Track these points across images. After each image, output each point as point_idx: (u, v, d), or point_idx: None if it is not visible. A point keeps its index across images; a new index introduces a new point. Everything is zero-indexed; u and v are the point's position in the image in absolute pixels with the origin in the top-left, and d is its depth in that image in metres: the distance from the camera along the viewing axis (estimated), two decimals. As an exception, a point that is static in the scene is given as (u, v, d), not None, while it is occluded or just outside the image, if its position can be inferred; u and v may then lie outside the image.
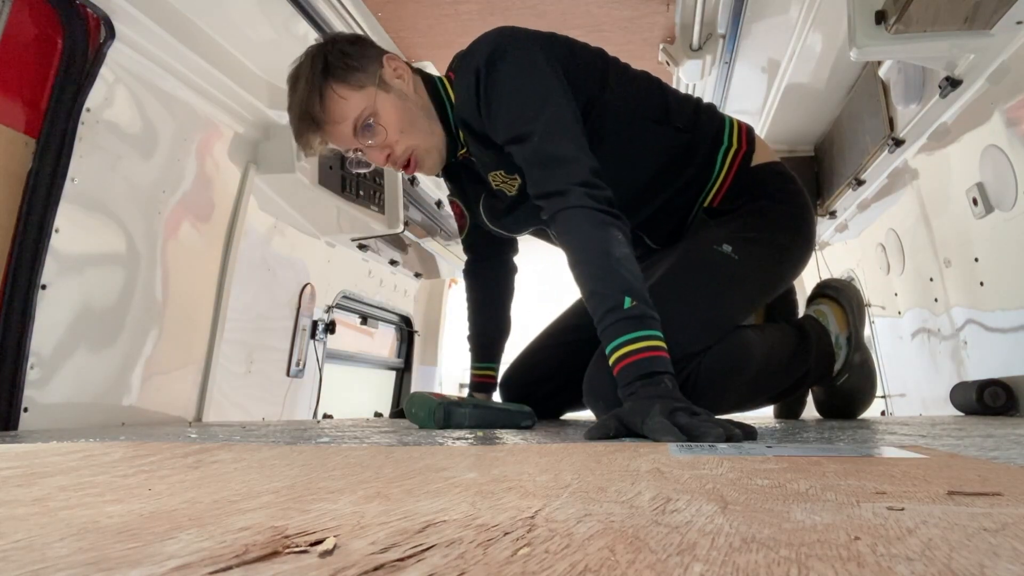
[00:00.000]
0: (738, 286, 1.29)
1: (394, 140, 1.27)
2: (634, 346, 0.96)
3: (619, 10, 2.08)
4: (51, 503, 0.42)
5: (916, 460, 0.60)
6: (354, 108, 1.23)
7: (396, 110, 1.25)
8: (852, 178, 2.30)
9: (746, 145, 1.39)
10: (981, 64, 1.51)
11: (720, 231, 1.31)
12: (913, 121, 1.84)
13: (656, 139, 1.33)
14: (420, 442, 0.91)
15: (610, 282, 1.01)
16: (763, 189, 1.37)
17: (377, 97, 1.24)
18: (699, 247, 1.30)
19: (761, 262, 1.31)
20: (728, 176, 1.36)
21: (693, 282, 1.25)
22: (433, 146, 1.31)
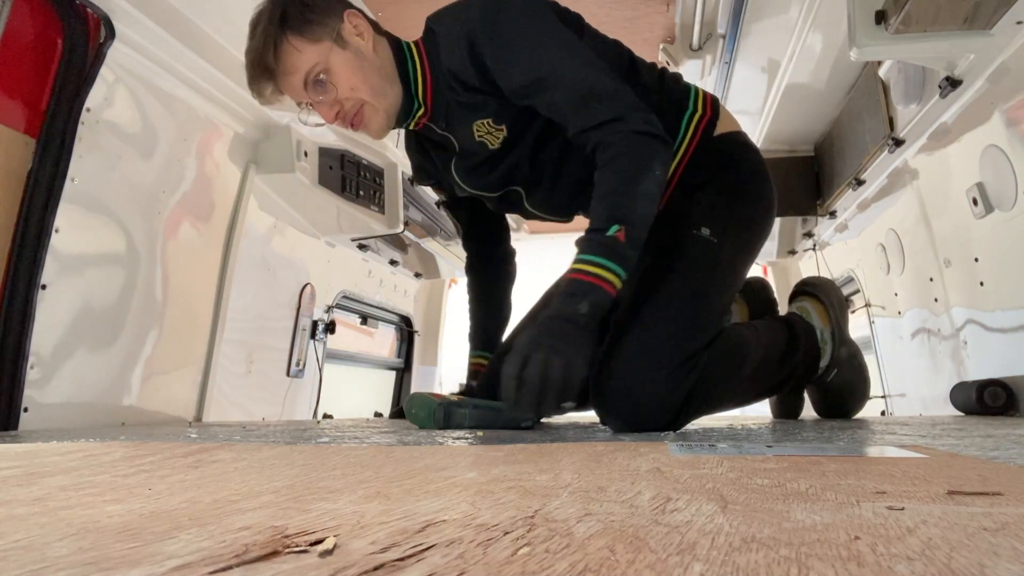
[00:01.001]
0: (722, 271, 1.30)
1: (344, 97, 1.25)
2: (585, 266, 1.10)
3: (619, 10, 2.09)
4: (51, 503, 0.42)
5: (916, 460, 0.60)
6: (307, 61, 1.22)
7: (349, 67, 1.23)
8: (852, 178, 2.30)
9: (710, 112, 1.38)
10: (981, 64, 1.51)
11: (696, 210, 1.31)
12: (913, 121, 1.84)
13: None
14: (420, 442, 0.91)
15: (613, 205, 1.12)
16: (728, 159, 1.36)
17: (332, 52, 1.22)
18: (679, 233, 1.29)
19: (737, 240, 1.33)
20: (692, 142, 1.35)
21: (681, 278, 1.25)
22: (382, 107, 1.28)
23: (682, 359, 1.17)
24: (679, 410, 1.17)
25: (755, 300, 1.66)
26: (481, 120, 1.31)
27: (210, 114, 1.83)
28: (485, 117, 1.30)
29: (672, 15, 2.11)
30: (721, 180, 1.34)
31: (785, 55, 2.11)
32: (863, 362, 1.59)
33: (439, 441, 0.93)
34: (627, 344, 1.19)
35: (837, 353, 1.50)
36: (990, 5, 1.34)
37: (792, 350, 1.42)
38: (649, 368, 1.16)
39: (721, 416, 1.43)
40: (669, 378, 1.16)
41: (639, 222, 1.11)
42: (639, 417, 1.15)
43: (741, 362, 1.30)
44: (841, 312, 1.54)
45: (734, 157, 1.38)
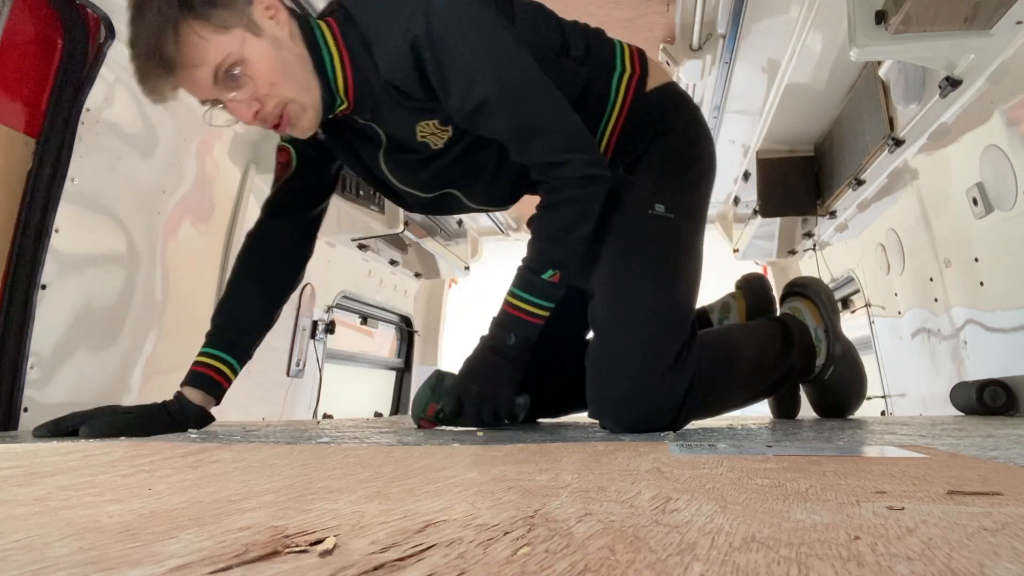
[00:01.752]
0: (685, 245, 1.29)
1: (264, 93, 1.08)
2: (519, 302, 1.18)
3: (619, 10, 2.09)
4: (51, 503, 0.42)
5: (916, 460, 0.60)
6: (216, 52, 1.03)
7: (267, 58, 1.06)
8: (852, 178, 2.30)
9: (639, 69, 1.31)
10: (981, 64, 1.51)
11: (644, 187, 1.27)
12: (913, 121, 1.84)
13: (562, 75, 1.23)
14: (420, 442, 0.91)
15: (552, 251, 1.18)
16: (664, 120, 1.31)
17: (245, 41, 1.05)
18: (635, 217, 1.26)
19: (689, 206, 1.31)
20: (624, 104, 1.29)
21: (651, 265, 1.23)
22: (310, 103, 1.13)
23: (672, 357, 1.17)
24: (678, 410, 1.17)
25: (754, 298, 1.65)
26: (426, 121, 1.21)
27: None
28: (431, 119, 1.21)
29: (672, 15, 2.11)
30: (660, 146, 1.31)
31: (785, 55, 2.11)
32: (858, 358, 1.59)
33: (439, 441, 0.93)
34: (616, 353, 1.19)
35: (832, 350, 1.51)
36: (990, 5, 1.34)
37: (787, 349, 1.43)
38: (644, 374, 1.15)
39: (721, 416, 1.43)
40: (664, 380, 1.15)
41: (573, 263, 1.19)
42: (641, 422, 1.15)
43: (735, 361, 1.30)
44: (832, 309, 1.54)
45: (668, 114, 1.32)
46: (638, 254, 1.24)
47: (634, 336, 1.18)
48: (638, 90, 1.31)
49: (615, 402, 1.17)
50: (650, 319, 1.19)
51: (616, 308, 1.22)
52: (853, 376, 1.57)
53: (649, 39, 2.23)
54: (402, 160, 1.28)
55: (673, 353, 1.18)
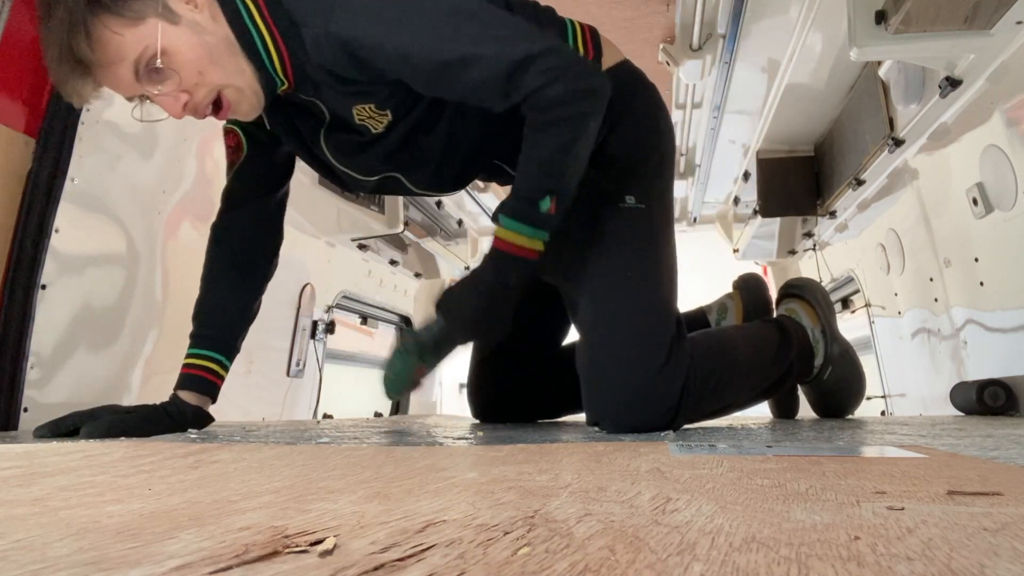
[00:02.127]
0: (659, 236, 1.26)
1: (192, 83, 1.03)
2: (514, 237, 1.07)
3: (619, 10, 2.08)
4: (51, 503, 0.42)
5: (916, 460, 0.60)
6: (133, 46, 0.98)
7: (188, 46, 1.00)
8: (852, 178, 2.30)
9: (592, 49, 1.28)
10: (981, 64, 1.51)
11: (611, 180, 1.24)
12: (913, 121, 1.84)
13: None
14: (420, 442, 0.91)
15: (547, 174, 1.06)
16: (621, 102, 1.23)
17: (162, 31, 0.98)
18: (606, 211, 1.23)
19: (658, 193, 1.28)
20: None
21: (629, 261, 1.21)
22: (246, 85, 1.07)
23: (664, 355, 1.17)
24: (675, 409, 1.17)
25: (751, 299, 1.65)
26: (362, 105, 1.14)
27: (210, 114, 1.83)
28: (366, 102, 1.14)
29: (672, 15, 2.10)
30: (620, 134, 1.26)
31: (785, 55, 2.11)
32: (856, 358, 1.59)
33: (439, 441, 0.93)
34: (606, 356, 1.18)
35: (830, 350, 1.51)
36: (990, 5, 1.34)
37: (785, 350, 1.42)
38: (637, 375, 1.15)
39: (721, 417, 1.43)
40: (658, 379, 1.15)
41: (570, 188, 1.09)
42: (640, 424, 1.15)
43: (733, 362, 1.30)
44: (828, 310, 1.54)
45: (625, 97, 1.26)
46: (615, 251, 1.22)
47: (623, 339, 1.17)
48: None
49: (611, 406, 1.17)
50: (636, 319, 1.18)
51: (600, 311, 1.20)
52: (852, 376, 1.57)
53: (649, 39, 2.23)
54: (342, 140, 1.22)
55: (664, 350, 1.17)
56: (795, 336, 1.46)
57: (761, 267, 3.82)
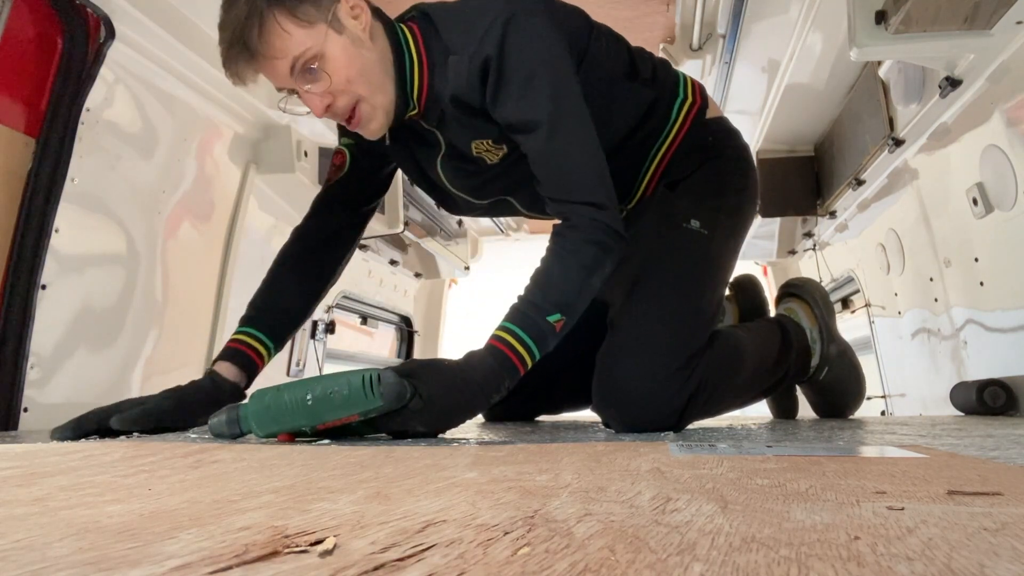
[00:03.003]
0: (715, 263, 1.30)
1: (339, 89, 1.10)
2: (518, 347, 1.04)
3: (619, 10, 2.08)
4: (51, 503, 0.42)
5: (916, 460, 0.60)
6: (297, 45, 1.06)
7: (346, 55, 1.08)
8: (852, 178, 2.30)
9: (700, 100, 1.37)
10: (981, 64, 1.51)
11: (683, 203, 1.30)
12: (913, 121, 1.84)
13: (629, 96, 1.30)
14: (420, 442, 0.91)
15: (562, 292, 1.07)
16: (713, 147, 1.36)
17: (327, 37, 1.07)
18: (669, 228, 1.28)
19: (726, 230, 1.32)
20: (682, 129, 1.34)
21: (676, 274, 1.24)
22: (381, 105, 1.14)
23: (684, 359, 1.17)
24: (682, 411, 1.17)
25: (746, 301, 1.65)
26: (481, 140, 1.24)
27: (210, 114, 1.83)
28: (486, 138, 1.23)
29: (672, 15, 2.10)
30: (707, 169, 1.34)
31: (785, 55, 2.11)
32: (855, 359, 1.59)
33: (439, 441, 0.93)
34: (629, 346, 1.19)
35: (827, 351, 1.51)
36: (990, 5, 1.34)
37: (786, 350, 1.43)
38: (653, 371, 1.16)
39: (721, 416, 1.43)
40: (672, 380, 1.16)
41: (576, 315, 1.09)
42: (644, 419, 1.15)
43: (739, 363, 1.31)
44: (827, 310, 1.54)
45: (719, 144, 1.37)
46: (665, 261, 1.25)
47: (647, 335, 1.19)
48: (697, 118, 1.35)
49: (621, 397, 1.17)
50: (667, 321, 1.19)
51: (635, 309, 1.22)
52: (850, 377, 1.57)
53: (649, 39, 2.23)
54: (458, 167, 1.30)
55: (685, 356, 1.18)
56: (794, 337, 1.46)
57: (761, 267, 3.82)
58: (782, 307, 1.59)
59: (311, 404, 0.89)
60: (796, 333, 1.48)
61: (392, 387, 0.91)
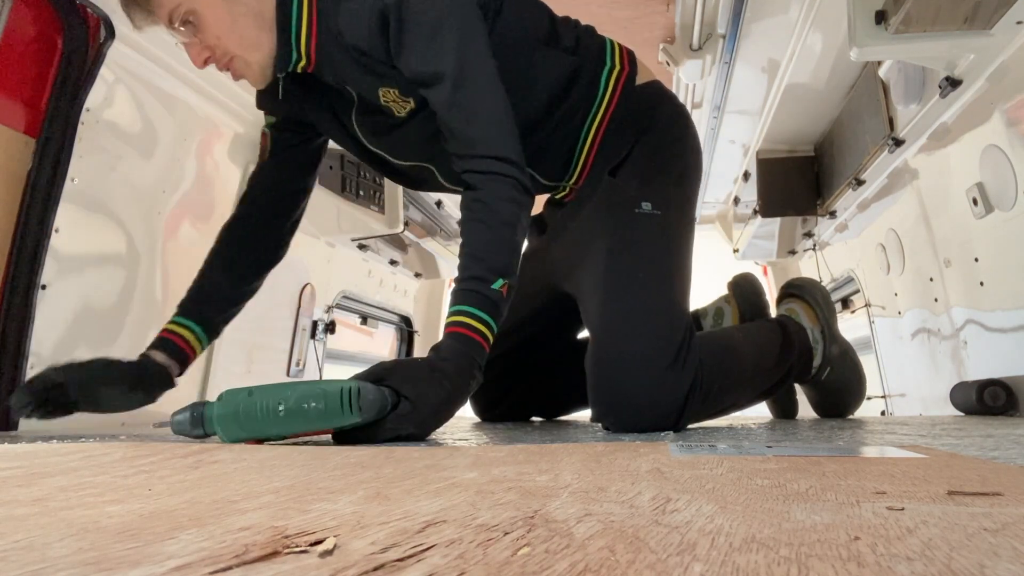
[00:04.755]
0: (676, 240, 1.29)
1: (212, 44, 1.13)
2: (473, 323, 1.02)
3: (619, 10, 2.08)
4: (51, 503, 0.42)
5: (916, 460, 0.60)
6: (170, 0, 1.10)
7: (216, 12, 1.10)
8: (852, 178, 2.30)
9: (628, 66, 1.34)
10: (981, 64, 1.51)
11: (630, 188, 1.28)
12: (913, 121, 1.84)
13: (548, 63, 1.27)
14: (420, 442, 0.91)
15: (496, 256, 1.06)
16: (649, 116, 1.33)
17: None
18: (623, 217, 1.26)
19: (678, 201, 1.31)
20: (613, 99, 1.31)
21: (642, 265, 1.23)
22: (255, 60, 1.15)
23: (673, 352, 1.17)
24: (680, 410, 1.17)
25: (747, 305, 1.65)
26: (387, 88, 1.20)
27: (210, 114, 1.83)
28: (391, 86, 1.20)
29: (672, 15, 2.11)
30: (644, 145, 1.31)
31: (785, 55, 2.11)
32: (856, 358, 1.59)
33: (439, 441, 0.93)
34: (615, 352, 1.19)
35: (828, 351, 1.51)
36: (990, 5, 1.34)
37: (787, 350, 1.43)
38: (645, 372, 1.15)
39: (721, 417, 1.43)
40: (666, 377, 1.16)
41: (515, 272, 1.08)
42: (644, 422, 1.15)
43: (736, 362, 1.30)
44: (828, 310, 1.54)
45: (653, 111, 1.34)
46: (629, 254, 1.24)
47: (633, 336, 1.18)
48: (627, 86, 1.33)
49: (617, 403, 1.17)
50: (647, 318, 1.19)
51: (612, 309, 1.22)
52: (852, 376, 1.57)
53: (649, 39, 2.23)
54: (372, 122, 1.28)
55: (673, 351, 1.17)
56: (795, 337, 1.46)
57: (761, 267, 3.82)
58: (783, 308, 1.59)
59: (283, 415, 0.85)
60: (798, 333, 1.48)
61: (373, 403, 0.87)
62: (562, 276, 1.42)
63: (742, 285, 1.67)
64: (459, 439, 0.98)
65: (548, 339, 1.61)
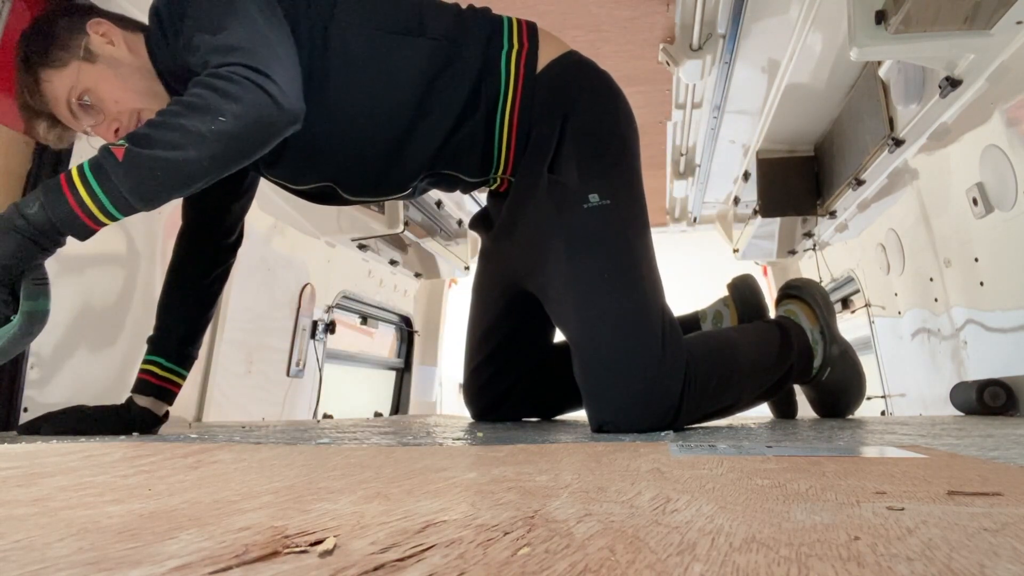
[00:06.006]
0: (631, 225, 1.23)
1: (114, 111, 1.12)
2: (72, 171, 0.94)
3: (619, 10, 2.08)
4: (51, 503, 0.42)
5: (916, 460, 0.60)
6: (60, 88, 1.11)
7: (106, 80, 1.11)
8: (852, 178, 2.30)
9: (528, 43, 1.26)
10: (981, 64, 1.51)
11: (571, 182, 1.22)
12: (913, 121, 1.84)
13: (406, 54, 1.18)
14: (420, 442, 0.91)
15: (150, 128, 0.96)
16: (566, 93, 1.25)
17: (83, 70, 1.10)
18: (573, 214, 1.21)
19: (623, 184, 1.25)
20: (519, 82, 1.23)
21: (604, 262, 1.19)
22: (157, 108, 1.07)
23: (658, 348, 1.16)
24: (677, 408, 1.16)
25: (745, 308, 1.64)
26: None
27: (210, 114, 1.82)
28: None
29: (672, 15, 2.10)
30: (574, 129, 1.24)
31: (785, 55, 2.11)
32: (856, 358, 1.59)
33: (439, 441, 0.93)
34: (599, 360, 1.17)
35: (829, 351, 1.51)
36: (990, 5, 1.34)
37: (786, 351, 1.43)
38: (634, 374, 1.15)
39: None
40: (656, 374, 1.15)
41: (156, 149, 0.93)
42: (643, 424, 1.15)
43: (734, 362, 1.30)
44: (828, 310, 1.54)
45: (569, 88, 1.26)
46: (590, 254, 1.20)
47: (613, 342, 1.17)
48: (529, 63, 1.25)
49: (613, 411, 1.16)
50: (620, 321, 1.17)
51: (587, 317, 1.19)
52: (852, 377, 1.57)
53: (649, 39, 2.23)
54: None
55: (657, 345, 1.16)
56: (795, 338, 1.46)
57: (761, 267, 3.82)
58: (782, 308, 1.59)
59: None
60: (797, 334, 1.48)
61: None
62: (522, 276, 1.38)
63: (740, 287, 1.66)
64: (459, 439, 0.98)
65: (529, 334, 1.60)
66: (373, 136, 1.21)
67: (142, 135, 0.94)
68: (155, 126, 0.95)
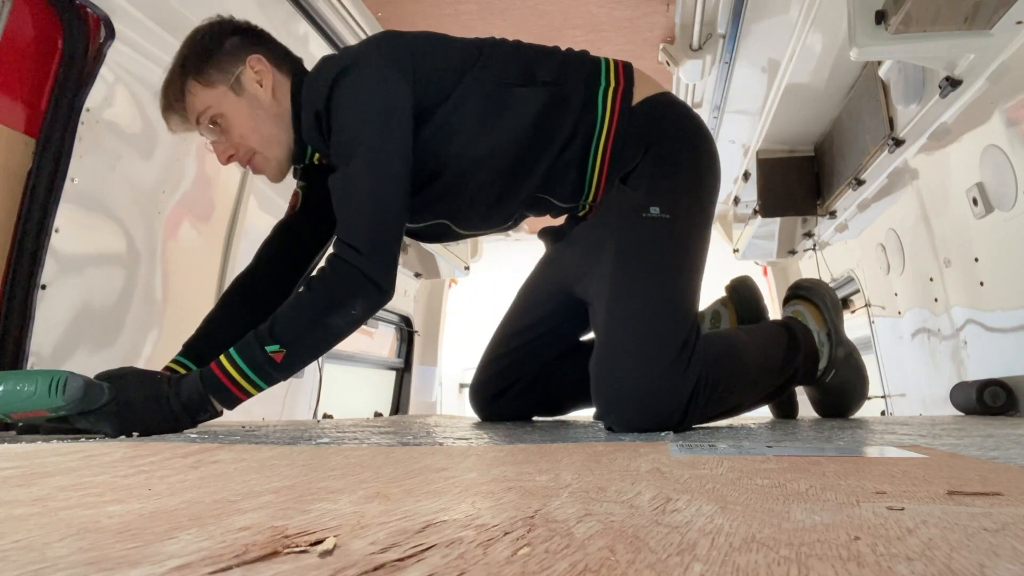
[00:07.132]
0: (684, 244, 1.29)
1: (236, 142, 1.26)
2: (230, 369, 1.09)
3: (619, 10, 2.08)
4: (51, 503, 0.42)
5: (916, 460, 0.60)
6: (199, 104, 1.23)
7: (241, 115, 1.24)
8: (852, 178, 2.30)
9: (624, 81, 1.35)
10: (981, 64, 1.51)
11: (639, 193, 1.29)
12: (913, 121, 1.84)
13: (521, 101, 1.30)
14: (420, 442, 0.91)
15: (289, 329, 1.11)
16: (657, 127, 1.34)
17: (225, 98, 1.23)
18: (631, 222, 1.28)
19: (689, 208, 1.31)
20: (614, 116, 1.32)
21: (648, 267, 1.24)
22: (273, 156, 1.29)
23: (677, 350, 1.17)
24: (684, 410, 1.17)
25: (744, 309, 1.64)
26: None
27: (210, 114, 1.82)
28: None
29: (672, 15, 2.11)
30: (654, 153, 1.32)
31: (785, 55, 2.11)
32: (860, 361, 1.59)
33: (439, 441, 0.93)
34: (619, 350, 1.19)
35: (834, 354, 1.50)
36: (990, 5, 1.34)
37: (792, 353, 1.42)
38: (649, 369, 1.16)
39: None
40: (670, 374, 1.16)
41: (303, 353, 1.14)
42: (648, 420, 1.15)
43: (741, 363, 1.30)
44: (836, 312, 1.53)
45: (661, 122, 1.35)
46: (635, 256, 1.25)
47: (635, 335, 1.19)
48: (624, 101, 1.33)
49: (619, 401, 1.17)
50: (650, 316, 1.20)
51: (616, 310, 1.23)
52: (855, 378, 1.57)
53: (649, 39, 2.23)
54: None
55: (676, 351, 1.17)
56: (802, 341, 1.45)
57: (761, 267, 3.82)
58: (790, 309, 1.58)
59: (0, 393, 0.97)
60: (804, 336, 1.47)
61: (75, 391, 0.98)
62: (574, 281, 1.44)
63: (739, 289, 1.66)
64: (459, 439, 0.98)
65: (555, 343, 1.61)
66: (493, 177, 1.32)
67: (294, 338, 1.11)
68: (307, 328, 1.12)
